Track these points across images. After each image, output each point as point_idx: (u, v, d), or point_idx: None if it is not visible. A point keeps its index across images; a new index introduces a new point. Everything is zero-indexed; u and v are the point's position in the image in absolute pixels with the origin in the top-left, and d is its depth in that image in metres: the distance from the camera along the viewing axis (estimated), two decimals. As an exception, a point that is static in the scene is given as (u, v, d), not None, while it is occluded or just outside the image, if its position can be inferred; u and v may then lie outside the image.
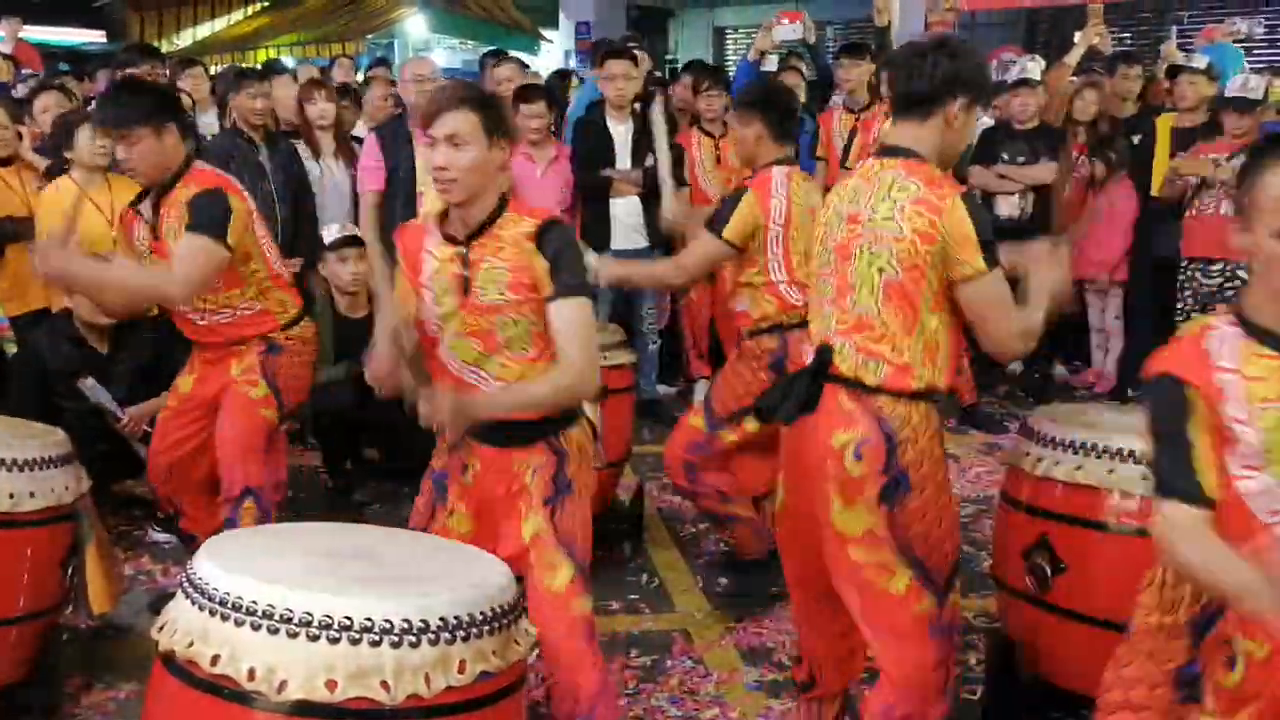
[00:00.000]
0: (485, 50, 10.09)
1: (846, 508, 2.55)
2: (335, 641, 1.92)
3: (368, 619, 1.93)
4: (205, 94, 6.47)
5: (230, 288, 3.56)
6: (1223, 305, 2.10)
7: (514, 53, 8.70)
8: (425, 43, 15.22)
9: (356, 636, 1.92)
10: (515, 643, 2.14)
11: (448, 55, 15.67)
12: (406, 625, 1.95)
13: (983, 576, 4.00)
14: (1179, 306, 6.11)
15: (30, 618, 3.18)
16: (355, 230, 5.22)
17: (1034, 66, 6.76)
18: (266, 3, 15.55)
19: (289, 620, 1.92)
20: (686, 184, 6.22)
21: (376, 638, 1.93)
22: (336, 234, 5.11)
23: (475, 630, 2.03)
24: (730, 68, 11.43)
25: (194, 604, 2.02)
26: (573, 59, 13.52)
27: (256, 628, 1.93)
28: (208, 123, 6.27)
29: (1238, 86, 6.06)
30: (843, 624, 2.79)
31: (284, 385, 3.68)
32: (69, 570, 3.28)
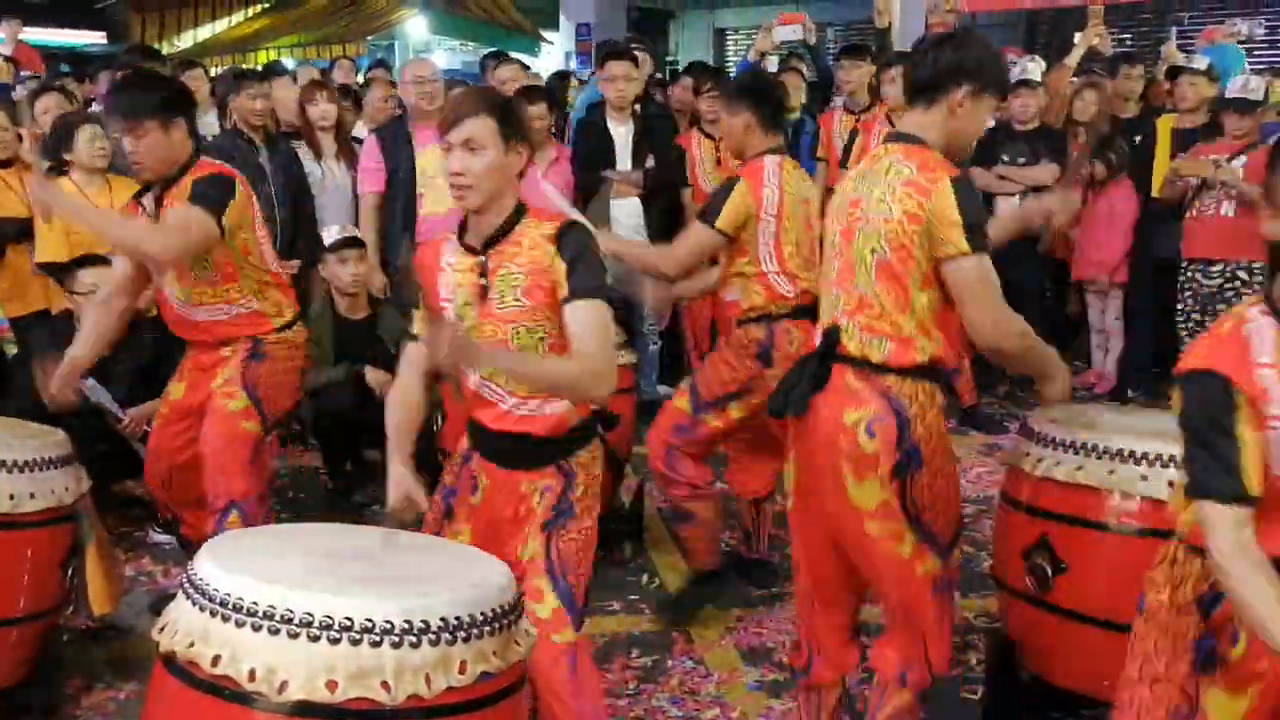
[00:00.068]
0: (486, 52, 10.09)
1: (860, 483, 2.61)
2: (336, 642, 1.91)
3: (368, 619, 1.93)
4: (205, 95, 6.46)
5: (227, 282, 3.55)
6: (1252, 297, 2.08)
7: (514, 54, 8.71)
8: (426, 44, 15.25)
9: (357, 637, 1.92)
10: (516, 643, 2.14)
11: (448, 57, 15.69)
12: (407, 626, 1.95)
13: (983, 576, 4.00)
14: (1179, 307, 6.13)
15: (30, 619, 3.18)
16: (355, 231, 5.22)
17: (1034, 67, 6.77)
18: (267, 4, 15.54)
19: (289, 621, 1.92)
20: (687, 184, 6.24)
21: (377, 638, 1.93)
22: (336, 235, 5.11)
23: (476, 631, 2.03)
24: (731, 69, 11.45)
25: (194, 605, 2.02)
26: (573, 60, 13.54)
27: (257, 628, 1.93)
28: (208, 124, 6.26)
29: (1238, 87, 6.07)
30: (843, 617, 2.89)
31: (264, 395, 3.63)
32: (69, 571, 3.28)
